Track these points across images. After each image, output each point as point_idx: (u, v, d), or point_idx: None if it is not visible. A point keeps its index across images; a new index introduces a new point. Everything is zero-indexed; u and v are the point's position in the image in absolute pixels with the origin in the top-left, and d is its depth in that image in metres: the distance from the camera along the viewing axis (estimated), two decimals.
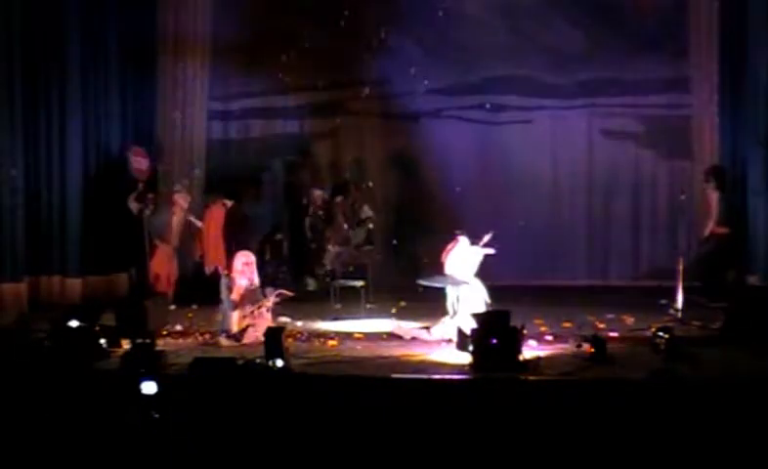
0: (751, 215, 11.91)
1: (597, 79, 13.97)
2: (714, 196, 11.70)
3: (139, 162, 12.63)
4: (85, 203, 12.47)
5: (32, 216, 11.90)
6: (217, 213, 12.70)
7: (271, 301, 10.10)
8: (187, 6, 13.63)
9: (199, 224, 12.67)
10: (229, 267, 10.39)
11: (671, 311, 10.75)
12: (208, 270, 12.45)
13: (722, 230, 11.65)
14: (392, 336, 10.05)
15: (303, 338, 9.97)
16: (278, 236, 13.62)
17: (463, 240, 10.25)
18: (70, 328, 9.12)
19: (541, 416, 7.47)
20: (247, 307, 9.95)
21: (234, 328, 9.84)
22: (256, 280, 10.19)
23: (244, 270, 10.10)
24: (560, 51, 13.90)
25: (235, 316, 9.91)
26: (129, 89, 13.28)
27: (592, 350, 8.77)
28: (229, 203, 12.67)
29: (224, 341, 9.79)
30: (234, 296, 9.99)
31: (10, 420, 7.64)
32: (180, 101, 13.67)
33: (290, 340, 9.22)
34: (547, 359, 8.82)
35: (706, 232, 11.75)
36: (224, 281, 10.12)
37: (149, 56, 13.52)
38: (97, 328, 9.25)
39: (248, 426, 7.51)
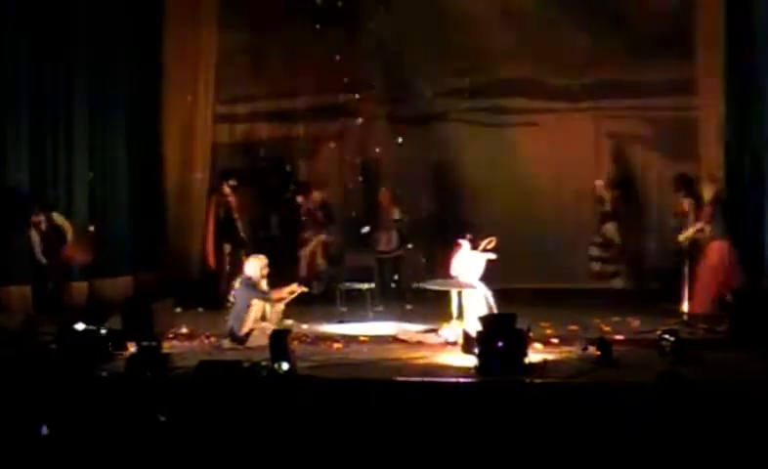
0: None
1: (603, 82, 13.95)
2: (687, 203, 11.60)
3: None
4: (90, 207, 12.47)
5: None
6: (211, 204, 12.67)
7: (288, 297, 10.12)
8: (193, 10, 13.63)
9: None
10: (239, 269, 10.41)
11: (683, 316, 10.72)
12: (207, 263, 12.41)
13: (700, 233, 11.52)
14: (397, 339, 10.05)
15: (308, 341, 9.97)
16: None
17: (465, 245, 10.24)
18: (76, 331, 9.13)
19: (547, 419, 7.44)
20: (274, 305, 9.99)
21: (243, 331, 9.82)
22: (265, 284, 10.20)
23: (263, 274, 10.09)
24: (565, 53, 13.89)
25: (250, 317, 9.89)
26: (135, 92, 13.28)
27: (598, 353, 8.76)
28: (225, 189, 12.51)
29: (227, 344, 9.78)
30: (276, 295, 10.01)
31: (16, 423, 7.63)
32: (186, 104, 13.66)
33: (296, 343, 9.19)
34: (553, 362, 8.81)
35: (681, 239, 11.46)
36: (243, 283, 10.08)
37: (155, 58, 13.53)
38: (103, 331, 9.26)
39: (254, 429, 7.50)
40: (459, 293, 10.05)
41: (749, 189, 11.68)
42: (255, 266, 10.10)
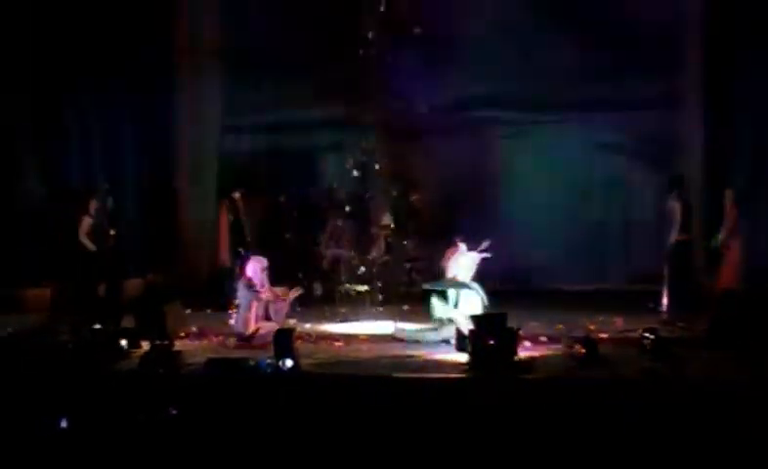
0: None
1: (591, 96, 13.99)
2: (677, 205, 11.51)
3: None
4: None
5: (55, 225, 11.99)
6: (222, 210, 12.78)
7: (292, 297, 10.20)
8: (201, 28, 13.71)
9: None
10: (241, 271, 10.49)
11: (663, 315, 10.82)
12: (221, 263, 12.50)
13: (684, 237, 11.55)
14: (395, 338, 10.13)
15: (311, 340, 10.04)
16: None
17: (462, 246, 10.32)
18: (92, 330, 9.23)
19: (536, 414, 7.53)
20: (270, 306, 10.06)
21: (248, 330, 9.92)
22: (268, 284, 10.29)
23: (262, 276, 10.18)
24: (557, 69, 13.96)
25: (254, 317, 9.97)
26: (147, 107, 13.37)
27: (584, 351, 8.81)
28: (236, 195, 12.62)
29: (234, 342, 9.87)
30: (268, 295, 10.07)
31: (36, 417, 7.73)
32: (195, 117, 13.74)
33: (299, 342, 9.28)
34: (542, 359, 8.90)
35: (671, 240, 11.41)
36: (242, 285, 10.19)
37: (166, 75, 13.64)
38: (117, 331, 9.36)
39: (259, 422, 7.59)
40: (456, 292, 10.13)
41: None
42: (255, 267, 10.19)
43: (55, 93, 12.02)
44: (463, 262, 10.24)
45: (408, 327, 10.55)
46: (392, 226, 13.47)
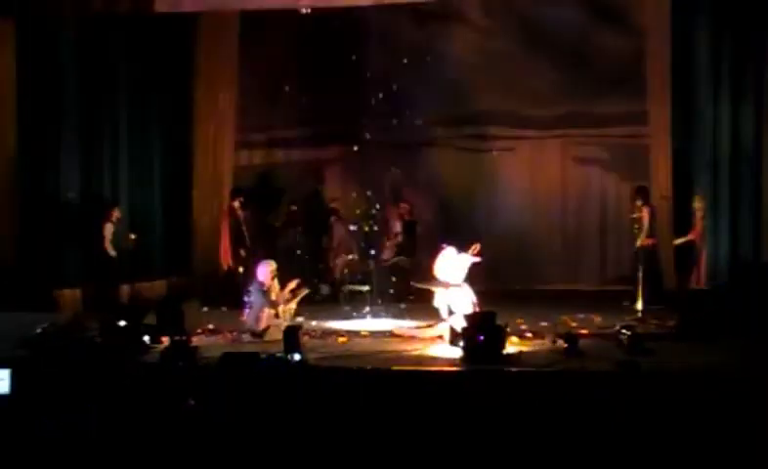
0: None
1: (569, 113, 14.07)
2: (645, 212, 11.63)
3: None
4: (131, 220, 12.54)
5: (87, 231, 11.96)
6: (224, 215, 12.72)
7: (299, 296, 10.16)
8: (217, 54, 13.67)
9: None
10: (251, 273, 10.46)
11: (637, 312, 10.79)
12: (224, 266, 12.43)
13: (651, 241, 11.59)
14: (393, 334, 10.08)
15: (317, 336, 9.99)
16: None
17: (450, 250, 10.23)
18: (118, 327, 9.20)
19: (522, 403, 7.50)
20: (280, 306, 10.01)
21: (261, 327, 9.87)
22: (277, 285, 10.24)
23: (272, 277, 10.13)
24: (538, 89, 14.00)
25: (265, 315, 9.91)
26: (169, 124, 13.37)
27: (566, 345, 8.81)
28: (235, 204, 12.55)
29: (247, 338, 9.82)
30: (275, 298, 10.02)
31: (66, 407, 7.69)
32: (211, 133, 13.71)
33: (306, 337, 9.25)
34: (527, 353, 8.86)
35: (638, 244, 11.55)
36: (255, 287, 10.13)
37: (185, 94, 13.62)
38: (141, 327, 9.33)
39: (270, 410, 7.55)
40: (447, 293, 10.07)
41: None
42: (266, 271, 10.15)
43: (95, 113, 12.13)
44: (452, 263, 10.15)
45: (406, 324, 10.51)
46: (400, 233, 13.42)
